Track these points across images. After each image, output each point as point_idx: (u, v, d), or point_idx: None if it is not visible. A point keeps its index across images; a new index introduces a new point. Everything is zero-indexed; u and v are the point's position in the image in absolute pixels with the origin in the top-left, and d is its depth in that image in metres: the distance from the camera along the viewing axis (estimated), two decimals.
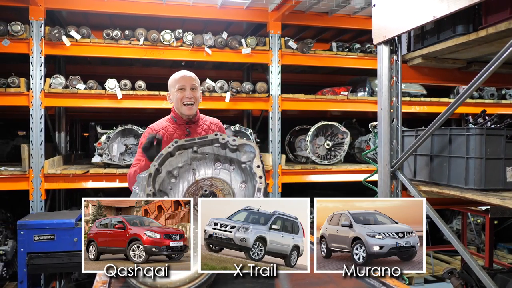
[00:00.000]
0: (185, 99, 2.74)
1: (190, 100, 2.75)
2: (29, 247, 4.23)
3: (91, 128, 7.95)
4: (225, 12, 5.67)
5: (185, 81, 2.75)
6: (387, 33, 3.30)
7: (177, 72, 2.83)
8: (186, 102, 2.75)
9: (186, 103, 2.75)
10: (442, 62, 3.56)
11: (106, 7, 5.32)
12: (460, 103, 2.75)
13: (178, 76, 2.78)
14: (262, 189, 1.93)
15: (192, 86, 2.76)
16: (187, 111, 2.77)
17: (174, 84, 2.78)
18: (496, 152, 2.95)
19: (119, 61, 7.12)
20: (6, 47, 4.98)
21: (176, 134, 2.78)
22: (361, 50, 6.21)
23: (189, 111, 2.77)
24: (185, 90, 2.74)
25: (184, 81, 2.75)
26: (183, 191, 2.23)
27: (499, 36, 2.74)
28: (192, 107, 2.77)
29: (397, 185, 3.35)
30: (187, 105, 2.75)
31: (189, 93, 2.74)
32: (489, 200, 2.68)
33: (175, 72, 2.83)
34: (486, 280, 2.57)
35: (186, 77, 2.77)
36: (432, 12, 2.81)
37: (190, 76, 2.79)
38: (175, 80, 2.79)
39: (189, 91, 2.74)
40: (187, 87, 2.74)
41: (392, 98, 3.36)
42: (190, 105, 2.76)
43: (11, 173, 4.99)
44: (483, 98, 6.77)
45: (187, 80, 2.76)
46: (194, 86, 2.78)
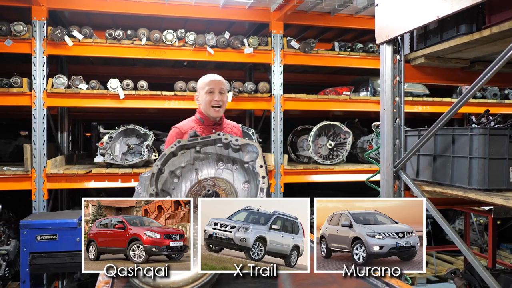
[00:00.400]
0: (213, 102, 2.84)
1: (218, 103, 2.85)
2: (32, 247, 4.23)
3: (93, 128, 7.96)
4: (227, 12, 5.66)
5: (214, 85, 2.85)
6: (390, 32, 3.28)
7: (206, 75, 2.92)
8: (214, 105, 2.85)
9: (214, 105, 2.85)
10: (445, 62, 3.54)
11: (109, 7, 5.32)
12: (463, 102, 2.73)
13: (208, 80, 2.88)
14: (265, 189, 1.93)
15: (220, 90, 2.86)
16: (214, 114, 2.87)
17: (203, 86, 2.88)
18: (500, 152, 2.93)
19: (121, 61, 7.12)
20: (9, 47, 4.98)
21: (203, 134, 2.83)
22: (363, 50, 6.19)
23: (217, 113, 2.87)
24: (214, 93, 2.84)
25: (213, 84, 2.85)
26: (186, 191, 2.23)
27: (503, 35, 2.72)
28: (220, 109, 2.87)
29: (400, 185, 3.34)
30: (214, 108, 2.85)
31: (218, 97, 2.83)
32: (493, 200, 2.67)
33: (205, 75, 2.92)
34: (489, 280, 2.55)
35: (215, 80, 2.87)
36: (435, 11, 2.80)
37: (219, 80, 2.89)
38: (204, 83, 2.88)
39: (218, 94, 2.84)
40: (215, 90, 2.84)
41: (395, 98, 3.35)
42: (217, 107, 2.86)
43: (13, 173, 4.99)
44: (485, 98, 6.74)
45: (216, 84, 2.85)
46: (222, 90, 2.87)
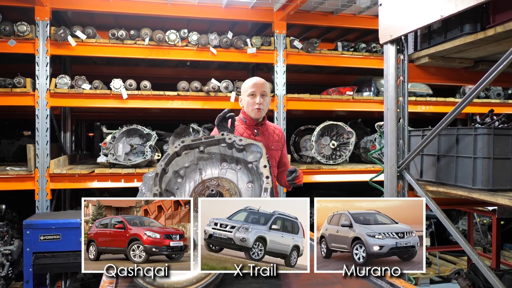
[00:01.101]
0: (255, 105, 2.96)
1: (260, 106, 2.96)
2: (35, 246, 4.24)
3: (97, 128, 7.97)
4: (230, 12, 5.65)
5: (256, 88, 2.95)
6: (394, 32, 3.27)
7: (249, 79, 3.04)
8: (255, 107, 2.95)
9: (256, 108, 2.95)
10: (449, 62, 3.52)
11: (112, 7, 5.32)
12: (467, 102, 2.72)
13: (251, 83, 2.99)
14: (269, 189, 1.92)
15: (262, 93, 2.96)
16: (255, 115, 2.97)
17: (246, 89, 3.00)
18: (504, 152, 2.91)
19: (124, 61, 7.13)
20: (12, 47, 5.00)
21: (245, 133, 3.01)
22: (366, 49, 6.17)
23: (257, 114, 2.97)
24: (255, 96, 2.95)
25: (255, 87, 2.96)
26: (190, 191, 2.22)
27: (507, 35, 2.70)
28: (261, 111, 2.97)
29: (403, 185, 3.33)
30: (256, 110, 2.96)
31: (259, 100, 2.94)
32: (497, 200, 2.65)
33: (248, 79, 3.04)
34: (494, 280, 2.53)
35: (257, 84, 2.97)
36: (439, 11, 2.78)
37: (261, 83, 2.99)
38: (247, 86, 3.00)
39: (259, 97, 2.94)
40: (257, 93, 2.95)
41: (399, 98, 3.33)
42: (259, 109, 2.96)
43: (17, 173, 5.00)
44: (489, 97, 6.71)
45: (258, 87, 2.96)
46: (264, 93, 2.97)
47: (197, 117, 7.26)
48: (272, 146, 3.09)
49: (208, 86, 5.54)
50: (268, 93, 3.04)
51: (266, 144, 3.01)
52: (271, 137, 3.08)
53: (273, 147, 3.10)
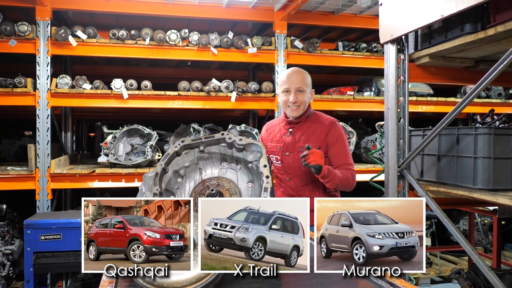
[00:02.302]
0: (289, 103, 2.70)
1: (294, 105, 2.69)
2: (36, 246, 4.24)
3: (97, 128, 7.99)
4: (231, 12, 5.65)
5: (290, 84, 2.68)
6: (394, 32, 3.27)
7: (285, 71, 2.75)
8: (289, 105, 2.70)
9: (290, 106, 2.70)
10: (449, 61, 3.52)
11: (112, 7, 5.33)
12: (468, 102, 2.71)
13: (285, 78, 2.72)
14: (269, 188, 1.93)
15: (298, 89, 2.68)
16: (290, 113, 2.73)
17: (281, 84, 2.74)
18: (505, 152, 2.91)
19: (125, 61, 7.14)
20: (13, 47, 5.00)
21: (280, 132, 2.82)
22: (367, 49, 6.17)
23: (293, 113, 2.72)
24: (290, 93, 2.68)
25: (289, 83, 2.69)
26: (190, 190, 2.23)
27: (508, 34, 2.70)
28: (296, 110, 2.70)
29: (404, 185, 3.32)
30: (290, 108, 2.70)
31: (294, 97, 2.66)
32: (498, 200, 2.65)
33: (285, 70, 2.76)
34: (494, 280, 2.53)
35: (292, 78, 2.69)
36: (439, 10, 2.78)
37: (296, 78, 2.70)
38: (282, 81, 2.74)
39: (294, 94, 2.66)
40: (292, 89, 2.68)
41: (399, 98, 3.33)
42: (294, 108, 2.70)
43: (17, 172, 5.01)
44: (490, 97, 6.70)
45: (292, 83, 2.68)
46: (301, 89, 2.68)
47: (197, 117, 7.27)
48: (303, 148, 2.63)
49: (209, 86, 5.54)
50: (307, 87, 2.70)
51: (294, 146, 2.74)
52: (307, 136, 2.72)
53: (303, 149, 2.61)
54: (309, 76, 2.77)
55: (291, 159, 2.75)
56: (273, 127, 2.91)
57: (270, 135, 2.89)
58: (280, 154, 2.79)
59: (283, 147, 2.78)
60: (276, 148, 2.82)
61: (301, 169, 2.70)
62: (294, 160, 2.74)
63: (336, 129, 2.72)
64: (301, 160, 2.53)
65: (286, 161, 2.77)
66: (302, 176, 2.74)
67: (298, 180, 2.76)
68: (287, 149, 2.77)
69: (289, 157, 2.76)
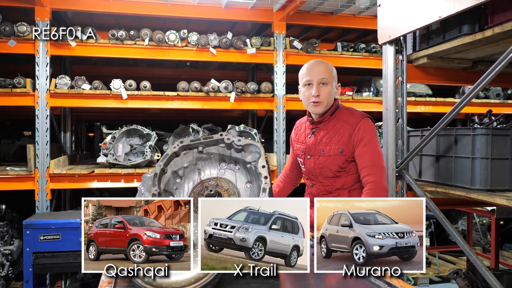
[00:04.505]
0: (311, 98, 2.37)
1: (317, 99, 2.35)
2: (35, 246, 4.24)
3: (97, 128, 7.99)
4: (230, 12, 5.66)
5: (311, 76, 2.35)
6: (393, 33, 3.28)
7: (307, 63, 2.43)
8: (312, 100, 2.37)
9: (312, 101, 2.38)
10: (447, 62, 3.53)
11: (111, 7, 5.33)
12: (465, 103, 2.73)
13: (305, 69, 2.39)
14: (267, 189, 1.93)
15: (321, 81, 2.35)
16: (313, 110, 2.42)
17: (301, 77, 2.41)
18: (502, 152, 2.92)
19: (124, 61, 7.14)
20: (12, 47, 5.00)
21: (304, 132, 2.54)
22: (366, 50, 6.19)
23: (316, 109, 2.39)
24: (312, 86, 2.36)
25: (310, 75, 2.36)
26: (189, 191, 2.23)
27: (505, 35, 2.71)
28: (319, 104, 2.36)
29: (402, 185, 3.33)
30: (313, 103, 2.38)
31: (316, 91, 2.33)
32: (495, 201, 2.66)
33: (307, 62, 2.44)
34: (492, 280, 2.54)
35: (314, 69, 2.36)
36: (437, 11, 2.79)
37: (318, 68, 2.37)
38: (302, 74, 2.40)
39: (317, 87, 2.34)
40: (314, 82, 2.35)
41: (397, 98, 3.34)
42: (316, 103, 2.37)
43: (17, 173, 5.01)
44: (489, 98, 6.72)
45: (314, 74, 2.35)
46: (325, 80, 2.35)
47: (197, 117, 7.27)
48: (324, 151, 2.39)
49: (208, 86, 5.55)
50: (332, 79, 2.37)
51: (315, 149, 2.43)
52: (329, 137, 2.40)
53: (324, 152, 2.39)
54: (333, 68, 2.46)
55: (312, 163, 2.47)
56: (300, 125, 2.62)
57: (297, 134, 2.62)
58: (303, 157, 2.53)
59: (306, 150, 2.50)
60: (299, 150, 2.56)
61: (322, 175, 2.45)
62: (315, 165, 2.46)
63: (361, 126, 2.35)
64: (322, 166, 2.37)
65: (308, 165, 2.51)
66: (325, 183, 2.46)
67: (321, 187, 2.49)
68: (309, 151, 2.49)
69: (310, 161, 2.48)
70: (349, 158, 2.38)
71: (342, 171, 2.40)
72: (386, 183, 2.36)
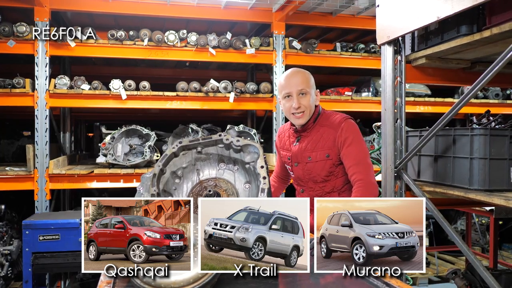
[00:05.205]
0: (292, 110, 2.39)
1: (298, 110, 2.38)
2: (34, 247, 4.25)
3: (96, 128, 7.98)
4: (229, 12, 5.67)
5: (290, 87, 2.37)
6: (391, 33, 3.28)
7: (284, 74, 2.44)
8: (293, 112, 2.39)
9: (293, 113, 2.41)
10: (446, 63, 3.54)
11: (111, 8, 5.33)
12: (464, 103, 2.73)
13: (284, 80, 2.40)
14: (266, 189, 1.93)
15: (300, 91, 2.37)
16: (296, 122, 2.44)
17: (280, 90, 2.42)
18: (501, 153, 2.93)
19: (123, 61, 7.14)
20: (12, 48, 5.00)
21: (288, 140, 2.56)
22: (365, 50, 6.19)
23: (299, 121, 2.43)
24: (291, 98, 2.38)
25: (289, 87, 2.37)
26: (187, 191, 2.24)
27: (503, 36, 2.72)
28: (302, 116, 2.39)
29: (401, 185, 3.34)
30: (295, 115, 2.41)
31: (297, 103, 2.35)
32: (493, 201, 2.67)
33: (284, 73, 2.45)
34: (490, 280, 2.55)
35: (292, 81, 2.37)
36: (436, 12, 2.80)
37: (296, 79, 2.38)
38: (281, 86, 2.41)
39: (296, 99, 2.36)
40: (293, 93, 2.37)
41: (396, 99, 3.35)
42: (299, 114, 2.40)
43: (16, 173, 5.01)
44: (487, 98, 6.73)
45: (292, 85, 2.37)
46: (303, 91, 2.37)
47: (196, 117, 7.28)
48: (310, 158, 2.42)
49: (207, 86, 5.56)
50: (310, 88, 2.38)
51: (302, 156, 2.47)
52: (314, 143, 2.44)
53: (311, 159, 2.42)
54: (311, 76, 2.47)
55: (300, 170, 2.52)
56: (283, 132, 2.65)
57: (281, 141, 2.66)
58: (291, 165, 2.58)
59: (292, 157, 2.55)
60: (286, 158, 2.61)
61: (312, 181, 2.50)
62: (303, 171, 2.51)
63: (344, 128, 2.39)
64: (310, 172, 2.40)
65: (296, 173, 2.56)
66: (315, 188, 2.51)
67: (311, 192, 2.53)
68: (296, 159, 2.53)
69: (298, 168, 2.53)
70: (336, 162, 2.42)
71: (331, 175, 2.45)
72: (374, 179, 2.37)
